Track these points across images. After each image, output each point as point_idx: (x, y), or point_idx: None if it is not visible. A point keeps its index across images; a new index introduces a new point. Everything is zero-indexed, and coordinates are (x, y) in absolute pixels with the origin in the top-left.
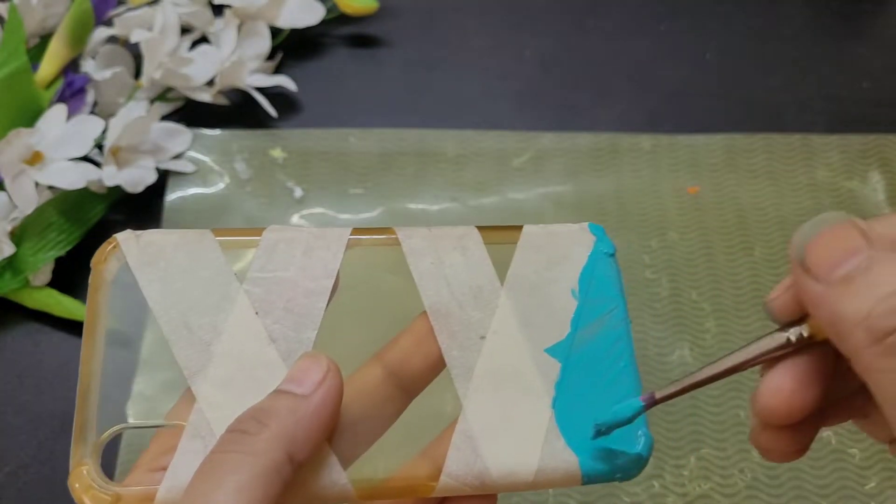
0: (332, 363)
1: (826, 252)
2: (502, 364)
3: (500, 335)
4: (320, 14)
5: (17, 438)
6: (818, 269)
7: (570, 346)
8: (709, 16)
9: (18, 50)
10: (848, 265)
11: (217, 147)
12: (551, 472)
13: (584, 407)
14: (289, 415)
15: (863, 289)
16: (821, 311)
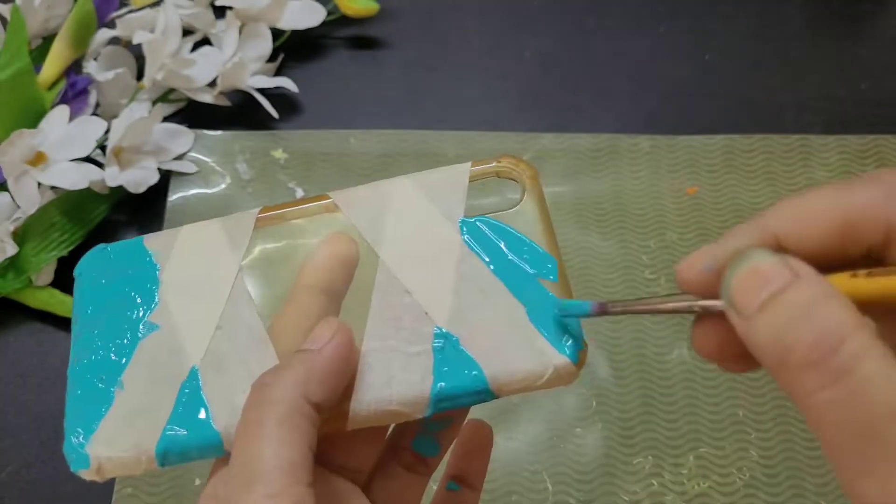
0: (342, 324)
1: (746, 289)
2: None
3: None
4: (321, 16)
5: (20, 438)
6: (741, 305)
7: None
8: (708, 16)
9: (21, 51)
10: (764, 293)
11: (219, 148)
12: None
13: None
14: (301, 365)
15: (774, 311)
16: (748, 342)
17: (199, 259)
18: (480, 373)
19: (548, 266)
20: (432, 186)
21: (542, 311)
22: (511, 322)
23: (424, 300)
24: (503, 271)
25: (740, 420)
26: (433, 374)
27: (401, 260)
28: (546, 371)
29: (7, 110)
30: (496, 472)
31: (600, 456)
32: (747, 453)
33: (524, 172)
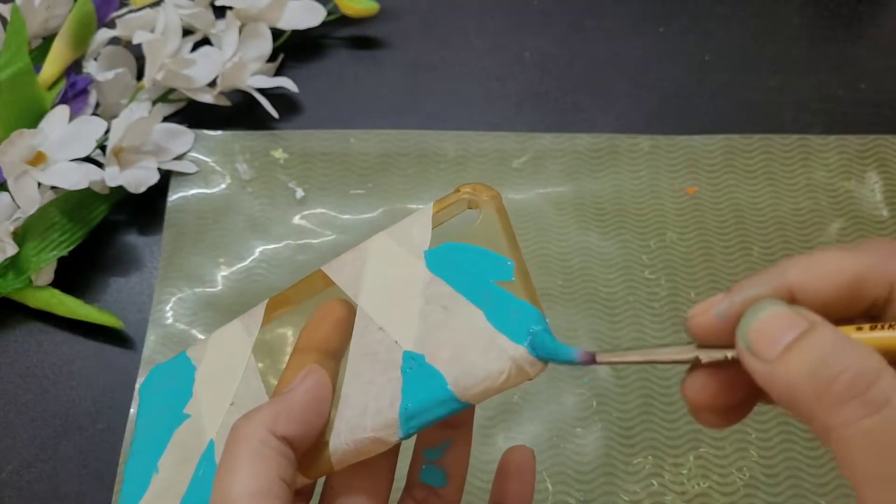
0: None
1: (766, 333)
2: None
3: None
4: (321, 16)
5: (20, 438)
6: (762, 351)
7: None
8: (708, 17)
9: (21, 51)
10: (786, 338)
11: (219, 148)
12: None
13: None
14: (271, 405)
15: (803, 353)
16: (773, 388)
17: (223, 352)
18: (442, 381)
19: (504, 267)
20: (401, 232)
21: (502, 311)
22: (471, 328)
23: (394, 331)
24: (463, 285)
25: None
26: (401, 395)
27: (375, 303)
28: (505, 366)
29: (7, 110)
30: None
31: (600, 456)
32: (747, 453)
33: (480, 194)
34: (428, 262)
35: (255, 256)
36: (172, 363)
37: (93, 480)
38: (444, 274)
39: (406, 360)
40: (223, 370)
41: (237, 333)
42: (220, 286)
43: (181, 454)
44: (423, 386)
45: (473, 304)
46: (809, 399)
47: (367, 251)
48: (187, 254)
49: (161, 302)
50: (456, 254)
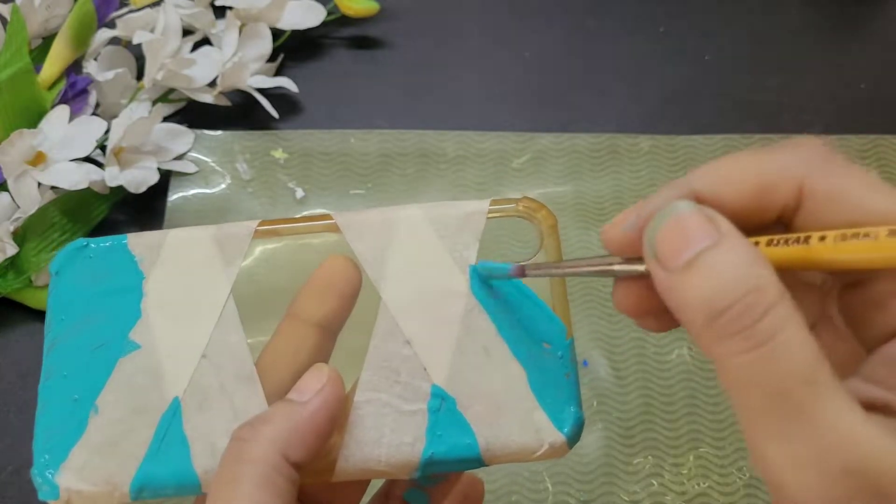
0: (334, 373)
1: (671, 241)
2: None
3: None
4: (321, 16)
5: (20, 437)
6: (664, 259)
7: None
8: (708, 17)
9: (21, 51)
10: (690, 252)
11: (219, 148)
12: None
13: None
14: (283, 420)
15: (702, 273)
16: (669, 300)
17: (187, 273)
18: (474, 441)
19: (556, 331)
20: (444, 223)
21: (545, 379)
22: (511, 389)
23: (424, 354)
24: (509, 331)
25: None
26: (426, 438)
27: (403, 304)
28: (541, 447)
29: (7, 110)
30: (496, 472)
31: (600, 456)
32: (747, 453)
33: (543, 220)
34: (472, 282)
35: (255, 256)
36: (105, 247)
37: None
38: (489, 306)
39: (434, 397)
40: (188, 299)
41: (209, 254)
42: None
43: (131, 399)
44: (451, 436)
45: (517, 359)
46: (699, 324)
47: (397, 226)
48: None
49: None
50: (506, 287)
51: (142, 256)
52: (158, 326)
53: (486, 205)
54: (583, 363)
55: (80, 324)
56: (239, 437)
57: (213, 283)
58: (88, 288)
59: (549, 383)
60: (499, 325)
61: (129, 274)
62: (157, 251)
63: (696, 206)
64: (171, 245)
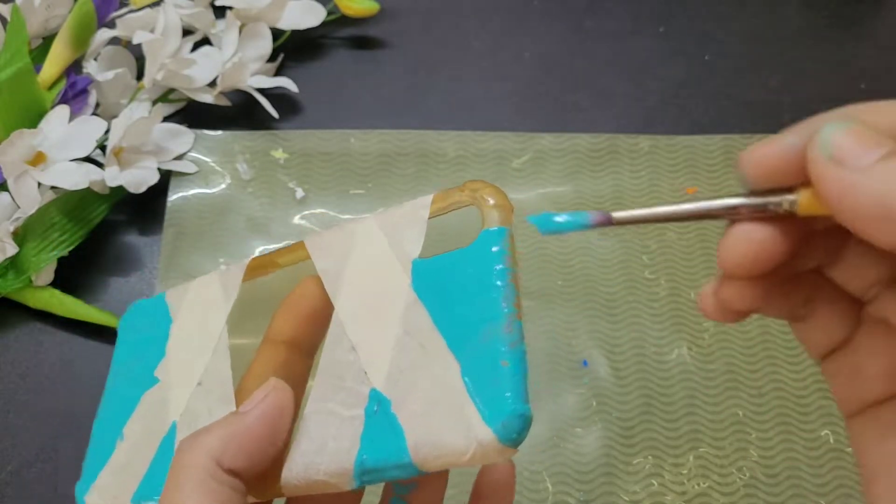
0: (279, 384)
1: (855, 144)
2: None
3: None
4: (321, 16)
5: (20, 437)
6: (852, 157)
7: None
8: (708, 17)
9: (21, 51)
10: (879, 152)
11: (219, 148)
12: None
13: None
14: (221, 428)
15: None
16: (860, 198)
17: (199, 312)
18: (403, 444)
19: (497, 310)
20: (391, 224)
21: (482, 371)
22: (444, 384)
23: (365, 357)
24: (445, 321)
25: (740, 420)
26: (360, 443)
27: (351, 311)
28: (469, 447)
29: (7, 110)
30: None
31: (600, 456)
32: (747, 453)
33: (486, 200)
34: (414, 277)
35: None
36: (151, 304)
37: None
38: (427, 299)
39: (371, 401)
40: (196, 335)
41: (215, 293)
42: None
43: (146, 425)
44: (383, 440)
45: (451, 351)
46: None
47: (354, 237)
48: (187, 254)
49: None
50: (446, 272)
51: (172, 305)
52: (173, 361)
53: (428, 199)
54: (583, 363)
55: (125, 367)
56: (179, 447)
57: (214, 317)
58: (135, 337)
59: (485, 374)
60: (436, 318)
61: (163, 321)
62: (183, 298)
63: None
64: (193, 291)
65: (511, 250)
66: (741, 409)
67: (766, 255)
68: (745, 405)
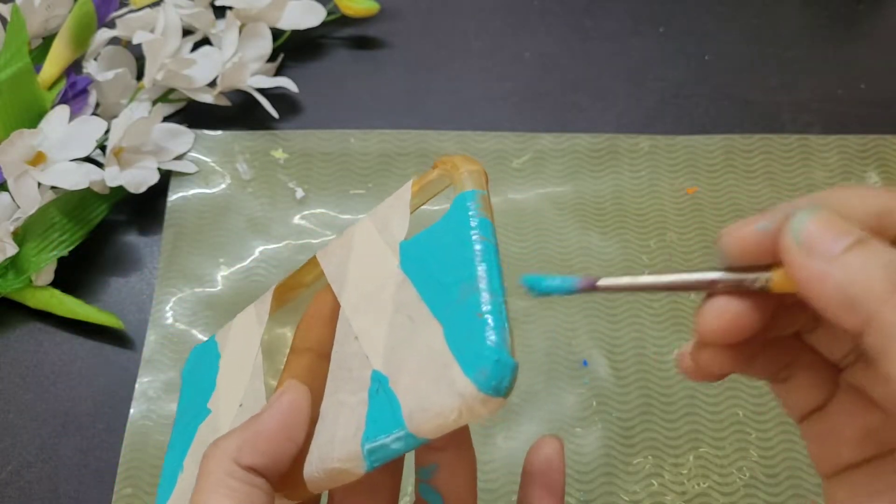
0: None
1: (829, 227)
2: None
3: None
4: (321, 16)
5: (20, 437)
6: (821, 247)
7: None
8: (707, 17)
9: (21, 51)
10: (845, 242)
11: (219, 148)
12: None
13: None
14: (239, 430)
15: (871, 251)
16: (827, 287)
17: (239, 342)
18: (399, 414)
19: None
20: (381, 216)
21: (462, 328)
22: (430, 349)
23: (366, 343)
24: (428, 289)
25: (740, 420)
26: (365, 424)
27: (353, 304)
28: (454, 403)
29: (7, 110)
30: (496, 472)
31: (600, 456)
32: (747, 453)
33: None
34: (402, 259)
35: (255, 256)
36: (205, 347)
37: (93, 480)
38: (413, 274)
39: (373, 382)
40: (238, 363)
41: (251, 321)
42: (220, 286)
43: (200, 455)
44: (383, 416)
45: (435, 316)
46: (879, 295)
47: (353, 238)
48: (187, 254)
49: (161, 302)
50: (428, 245)
51: (220, 342)
52: (221, 391)
53: (408, 184)
54: (583, 363)
55: (186, 405)
56: (203, 454)
57: (252, 342)
58: (194, 378)
59: (464, 330)
60: (421, 289)
61: (214, 358)
62: (228, 334)
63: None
64: (235, 325)
65: (483, 209)
66: (741, 409)
67: (739, 326)
68: (745, 405)
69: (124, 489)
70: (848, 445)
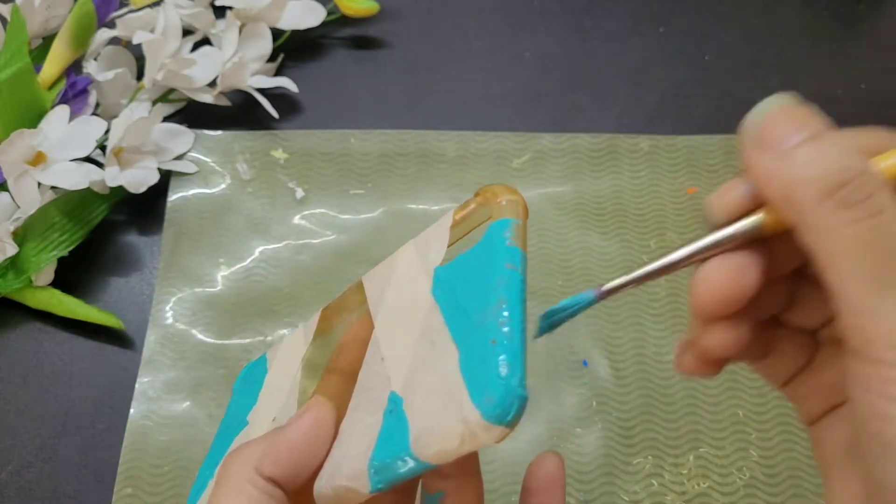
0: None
1: (780, 126)
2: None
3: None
4: (321, 16)
5: (20, 437)
6: (773, 141)
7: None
8: (708, 17)
9: (21, 51)
10: (800, 136)
11: (219, 148)
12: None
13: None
14: (262, 440)
15: (815, 154)
16: (774, 182)
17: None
18: (406, 435)
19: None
20: (424, 242)
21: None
22: (443, 372)
23: (391, 365)
24: (452, 314)
25: (740, 420)
26: (375, 444)
27: (385, 327)
28: (458, 429)
29: (7, 110)
30: (496, 472)
31: (600, 456)
32: (747, 453)
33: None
34: (434, 284)
35: (255, 256)
36: (256, 364)
37: (93, 480)
38: (442, 299)
39: (389, 403)
40: (280, 379)
41: (298, 340)
42: (220, 286)
43: None
44: (393, 437)
45: (454, 340)
46: (810, 198)
47: (396, 262)
48: (187, 254)
49: (161, 302)
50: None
51: (269, 359)
52: (261, 405)
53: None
54: (583, 363)
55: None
56: (225, 458)
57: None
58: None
59: (477, 355)
60: (446, 314)
61: (261, 373)
62: (277, 351)
63: (791, 98)
64: (286, 343)
65: (516, 238)
66: (741, 409)
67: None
68: (745, 405)
69: (124, 489)
70: (832, 390)
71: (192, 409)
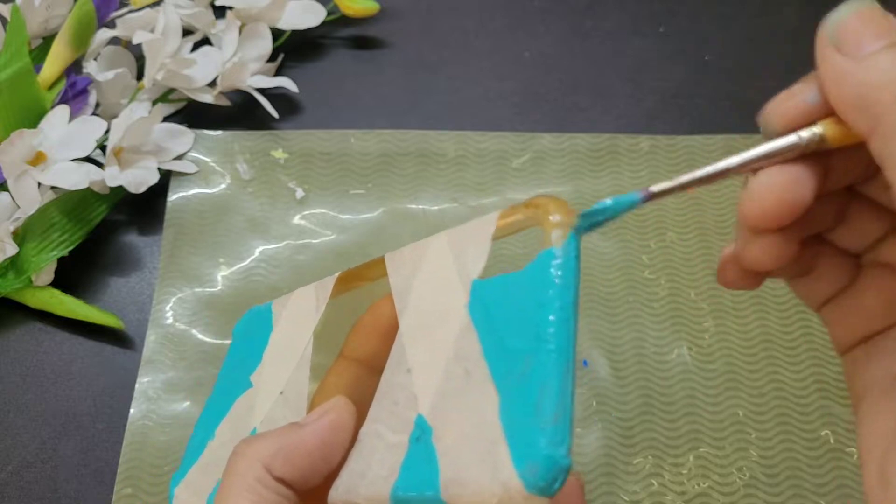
0: (342, 401)
1: (859, 31)
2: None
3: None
4: (321, 16)
5: (20, 438)
6: (851, 46)
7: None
8: (708, 17)
9: (21, 51)
10: (879, 43)
11: (219, 148)
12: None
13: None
14: (275, 437)
15: (892, 60)
16: (848, 85)
17: (293, 323)
18: (436, 478)
19: (543, 339)
20: (460, 240)
21: (520, 405)
22: (481, 417)
23: (418, 381)
24: (494, 347)
25: (740, 420)
26: (399, 472)
27: (412, 331)
28: (495, 491)
29: (7, 110)
30: None
31: (600, 456)
32: (747, 453)
33: (547, 218)
34: (472, 299)
35: (255, 256)
36: (260, 312)
37: (93, 480)
38: (480, 322)
39: (416, 427)
40: (288, 345)
41: (309, 303)
42: (220, 286)
43: (233, 428)
44: (420, 471)
45: (494, 382)
46: (889, 102)
47: (426, 252)
48: (187, 254)
49: (161, 302)
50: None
51: (276, 313)
52: (266, 368)
53: (495, 215)
54: (583, 363)
55: (231, 370)
56: (235, 450)
57: (305, 329)
58: (243, 342)
59: (521, 411)
60: (485, 344)
61: (266, 328)
62: (285, 307)
63: (876, 3)
64: (293, 300)
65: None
66: (741, 409)
67: (794, 197)
68: (745, 405)
69: (124, 489)
70: (873, 316)
71: (192, 409)
